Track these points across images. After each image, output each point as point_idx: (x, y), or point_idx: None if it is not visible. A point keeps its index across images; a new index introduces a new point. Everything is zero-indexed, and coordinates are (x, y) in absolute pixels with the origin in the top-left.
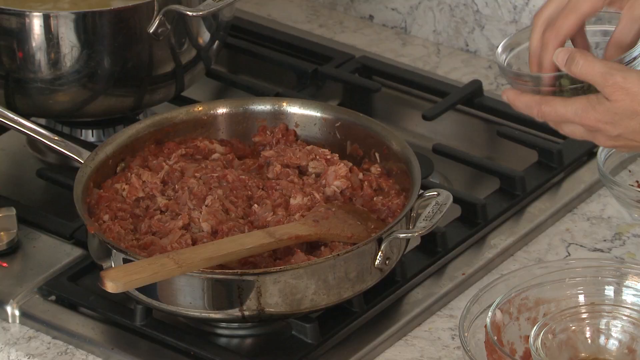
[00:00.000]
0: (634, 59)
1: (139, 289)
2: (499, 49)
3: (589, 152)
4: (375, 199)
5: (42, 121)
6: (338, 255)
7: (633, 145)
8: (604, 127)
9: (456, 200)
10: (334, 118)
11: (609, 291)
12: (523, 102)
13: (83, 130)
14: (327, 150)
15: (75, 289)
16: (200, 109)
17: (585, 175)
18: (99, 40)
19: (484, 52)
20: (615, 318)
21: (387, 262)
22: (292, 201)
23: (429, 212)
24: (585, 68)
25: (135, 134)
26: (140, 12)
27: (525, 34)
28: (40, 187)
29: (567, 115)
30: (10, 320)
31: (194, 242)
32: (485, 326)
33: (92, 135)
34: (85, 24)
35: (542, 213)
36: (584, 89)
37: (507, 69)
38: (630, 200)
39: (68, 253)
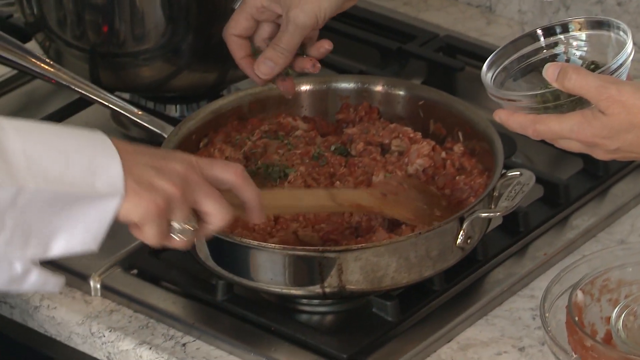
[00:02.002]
0: (617, 69)
1: (221, 264)
2: (484, 68)
3: None
4: (457, 178)
5: (126, 96)
6: (420, 233)
7: (632, 157)
8: (601, 141)
9: (539, 180)
10: (417, 96)
11: None
12: (517, 122)
13: (167, 105)
14: (410, 128)
15: (156, 263)
16: None
17: None
18: (183, 15)
19: None
20: None
21: (468, 241)
22: (375, 179)
23: (511, 192)
24: (579, 82)
25: (218, 110)
26: None
27: (510, 49)
28: None
29: (563, 133)
30: (92, 293)
31: (276, 219)
32: (567, 307)
33: (176, 111)
34: None
35: (625, 194)
36: (576, 101)
37: (495, 90)
38: None
39: None
